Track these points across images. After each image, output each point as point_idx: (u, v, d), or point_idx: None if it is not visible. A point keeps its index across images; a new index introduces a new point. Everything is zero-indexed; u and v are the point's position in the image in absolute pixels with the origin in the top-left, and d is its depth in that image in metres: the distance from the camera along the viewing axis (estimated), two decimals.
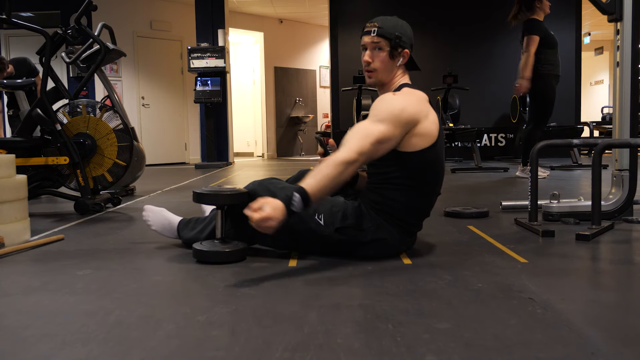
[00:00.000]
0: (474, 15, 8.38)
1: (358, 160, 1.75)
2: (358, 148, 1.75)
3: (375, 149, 1.79)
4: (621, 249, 2.24)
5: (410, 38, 1.97)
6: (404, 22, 1.99)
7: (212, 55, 7.94)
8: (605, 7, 2.74)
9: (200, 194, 1.99)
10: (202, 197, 1.99)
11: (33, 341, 1.24)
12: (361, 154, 1.75)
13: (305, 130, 11.27)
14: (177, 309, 1.46)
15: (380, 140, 1.78)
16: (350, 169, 1.74)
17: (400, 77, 1.99)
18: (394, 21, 1.97)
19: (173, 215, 2.27)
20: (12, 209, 2.34)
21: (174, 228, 2.22)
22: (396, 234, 1.94)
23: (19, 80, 3.78)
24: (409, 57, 1.97)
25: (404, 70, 2.00)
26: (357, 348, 1.18)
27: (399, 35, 1.93)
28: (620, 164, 2.77)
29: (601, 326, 1.30)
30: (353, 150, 1.74)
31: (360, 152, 1.75)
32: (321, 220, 1.91)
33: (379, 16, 2.00)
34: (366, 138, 1.77)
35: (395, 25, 1.95)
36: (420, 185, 1.92)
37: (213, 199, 1.97)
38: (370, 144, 1.77)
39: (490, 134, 8.42)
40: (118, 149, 3.54)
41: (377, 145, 1.79)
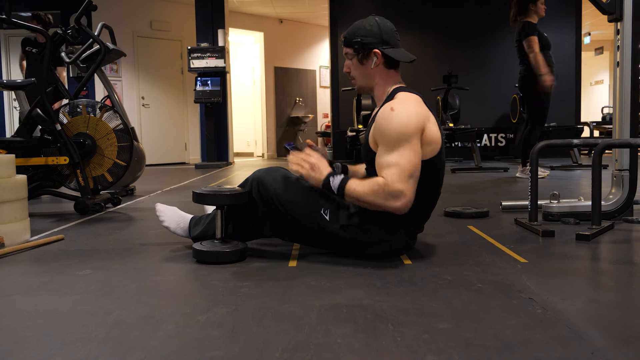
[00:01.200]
0: (474, 15, 8.38)
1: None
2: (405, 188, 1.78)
3: (416, 175, 1.82)
4: (621, 249, 2.23)
5: (378, 35, 1.91)
6: (371, 21, 1.94)
7: (212, 55, 7.94)
8: (605, 7, 2.74)
9: (200, 194, 1.99)
10: (201, 197, 1.99)
11: (33, 341, 1.24)
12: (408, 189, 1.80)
13: (305, 130, 11.27)
14: (177, 309, 1.46)
15: (416, 168, 1.81)
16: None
17: (387, 80, 1.96)
18: (357, 25, 1.96)
19: (185, 213, 2.26)
20: (12, 209, 2.34)
21: (186, 225, 2.20)
22: (401, 236, 1.94)
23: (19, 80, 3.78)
24: (384, 55, 1.92)
25: (386, 70, 1.95)
26: (357, 348, 1.18)
27: (358, 40, 1.92)
28: (620, 164, 2.77)
29: (601, 326, 1.30)
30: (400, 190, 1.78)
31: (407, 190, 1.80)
32: (326, 215, 1.92)
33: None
34: (405, 174, 1.80)
35: (357, 30, 1.94)
36: (427, 190, 1.93)
37: (212, 199, 1.97)
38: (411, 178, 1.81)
39: (490, 134, 8.42)
40: (118, 149, 3.54)
41: (417, 173, 1.82)
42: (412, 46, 8.41)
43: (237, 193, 1.97)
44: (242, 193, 1.98)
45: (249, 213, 2.02)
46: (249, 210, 2.02)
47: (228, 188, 2.04)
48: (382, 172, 1.80)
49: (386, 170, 1.79)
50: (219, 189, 2.02)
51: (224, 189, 2.02)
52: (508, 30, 8.49)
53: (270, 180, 1.97)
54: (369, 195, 1.80)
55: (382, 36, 1.91)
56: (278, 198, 1.94)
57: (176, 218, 2.22)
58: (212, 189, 2.01)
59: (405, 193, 1.77)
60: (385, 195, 1.77)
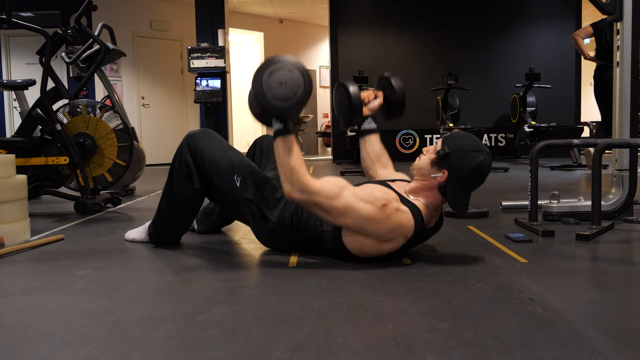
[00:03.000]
0: (474, 16, 8.38)
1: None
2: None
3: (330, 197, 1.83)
4: (621, 249, 2.23)
5: (461, 171, 1.82)
6: (475, 157, 1.82)
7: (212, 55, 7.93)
8: (605, 7, 2.74)
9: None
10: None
11: (33, 341, 1.24)
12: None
13: (305, 130, 11.26)
14: (177, 309, 1.46)
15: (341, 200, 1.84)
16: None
17: (429, 194, 1.91)
18: (464, 142, 1.86)
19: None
20: (12, 209, 2.34)
21: (144, 228, 2.36)
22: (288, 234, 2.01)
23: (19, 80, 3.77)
24: (447, 183, 1.85)
25: (438, 192, 1.90)
26: (357, 348, 1.17)
27: (447, 152, 1.85)
28: (620, 164, 2.77)
29: (601, 326, 1.30)
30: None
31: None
32: (237, 182, 2.01)
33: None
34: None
35: (458, 145, 1.85)
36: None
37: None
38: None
39: (490, 134, 8.42)
40: (118, 149, 3.54)
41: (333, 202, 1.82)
42: (412, 46, 8.42)
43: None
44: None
45: (179, 167, 2.13)
46: (179, 164, 2.13)
47: None
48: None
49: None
50: None
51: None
52: (508, 31, 8.53)
53: (201, 136, 2.11)
54: (286, 161, 1.79)
55: (463, 175, 1.82)
56: (202, 153, 2.06)
57: (139, 230, 2.39)
58: None
59: (308, 189, 1.77)
60: (293, 179, 1.79)
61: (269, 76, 1.74)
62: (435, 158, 1.84)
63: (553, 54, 8.23)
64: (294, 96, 1.75)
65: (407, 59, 8.35)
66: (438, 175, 1.83)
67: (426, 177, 1.87)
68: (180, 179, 2.11)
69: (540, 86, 7.34)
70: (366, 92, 2.15)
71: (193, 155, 2.08)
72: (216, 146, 2.08)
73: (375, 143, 2.19)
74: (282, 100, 1.75)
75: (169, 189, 2.15)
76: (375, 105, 2.15)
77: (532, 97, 7.48)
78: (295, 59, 1.79)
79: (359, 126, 2.19)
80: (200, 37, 8.20)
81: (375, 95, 2.16)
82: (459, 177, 1.81)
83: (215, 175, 2.05)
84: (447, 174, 1.82)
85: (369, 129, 2.18)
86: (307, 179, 1.79)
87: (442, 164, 1.83)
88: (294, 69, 1.75)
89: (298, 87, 1.75)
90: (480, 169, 1.80)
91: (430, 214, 1.87)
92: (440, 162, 1.83)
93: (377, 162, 2.18)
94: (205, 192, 2.12)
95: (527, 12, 8.37)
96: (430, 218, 1.88)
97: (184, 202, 2.14)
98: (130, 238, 2.37)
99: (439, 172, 1.83)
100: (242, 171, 2.03)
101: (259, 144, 2.44)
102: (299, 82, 1.75)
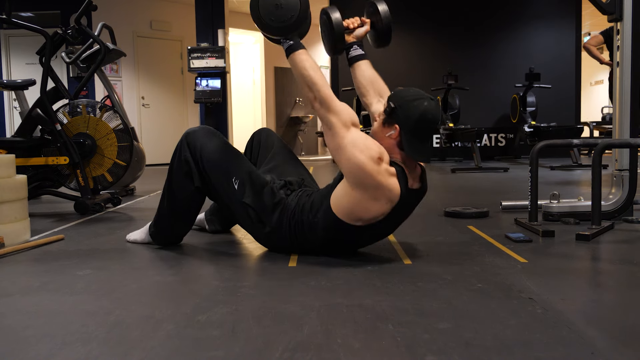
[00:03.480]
0: (474, 16, 8.38)
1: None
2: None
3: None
4: (621, 249, 2.23)
5: (410, 121, 1.85)
6: (420, 103, 1.86)
7: (212, 55, 7.93)
8: (605, 7, 2.74)
9: None
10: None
11: (33, 341, 1.24)
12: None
13: (305, 130, 11.27)
14: (177, 309, 1.46)
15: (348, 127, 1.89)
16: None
17: (392, 151, 1.94)
18: (405, 94, 1.92)
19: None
20: (12, 209, 2.34)
21: (145, 229, 2.35)
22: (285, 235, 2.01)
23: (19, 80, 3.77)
24: (401, 136, 1.90)
25: (398, 148, 1.92)
26: (357, 348, 1.18)
27: (393, 107, 1.90)
28: (620, 164, 2.77)
29: (601, 326, 1.30)
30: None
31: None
32: (235, 185, 2.02)
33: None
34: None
35: (402, 97, 1.90)
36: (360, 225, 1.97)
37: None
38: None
39: (490, 134, 8.41)
40: (118, 149, 3.53)
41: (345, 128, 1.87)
42: (412, 46, 8.42)
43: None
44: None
45: (179, 165, 2.12)
46: (178, 162, 2.12)
47: None
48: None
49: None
50: None
51: None
52: (508, 31, 8.53)
53: (200, 133, 2.10)
54: (305, 74, 1.90)
55: (412, 123, 1.83)
56: (201, 151, 2.06)
57: (142, 231, 2.37)
58: None
59: (328, 105, 1.84)
60: (314, 89, 1.86)
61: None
62: (384, 117, 1.88)
63: (553, 54, 8.23)
64: (289, 19, 1.87)
65: (407, 59, 8.35)
66: (392, 133, 1.86)
67: (383, 139, 1.89)
68: (179, 177, 2.11)
69: (540, 86, 7.34)
70: (351, 19, 2.16)
71: (192, 153, 2.07)
72: (215, 145, 2.08)
73: (365, 69, 2.16)
74: (277, 22, 1.86)
75: (169, 188, 2.15)
76: (362, 32, 2.16)
77: (532, 97, 7.48)
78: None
79: (347, 54, 2.17)
80: (200, 37, 8.20)
81: (362, 22, 2.17)
82: (409, 127, 1.83)
83: (214, 175, 2.04)
84: (398, 128, 1.85)
85: (356, 55, 2.15)
86: (329, 93, 1.86)
87: (391, 120, 1.86)
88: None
89: (294, 11, 1.87)
90: (427, 114, 1.82)
91: (409, 173, 1.88)
92: (389, 120, 1.86)
93: (370, 89, 2.14)
94: (205, 190, 2.11)
95: (527, 12, 8.37)
96: (410, 177, 1.88)
97: (185, 201, 2.14)
98: (131, 239, 2.37)
99: (391, 130, 1.86)
100: (241, 174, 2.02)
101: (256, 137, 2.44)
102: (294, 5, 1.86)
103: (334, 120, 1.83)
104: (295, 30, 1.91)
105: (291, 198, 2.01)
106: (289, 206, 1.98)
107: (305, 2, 1.88)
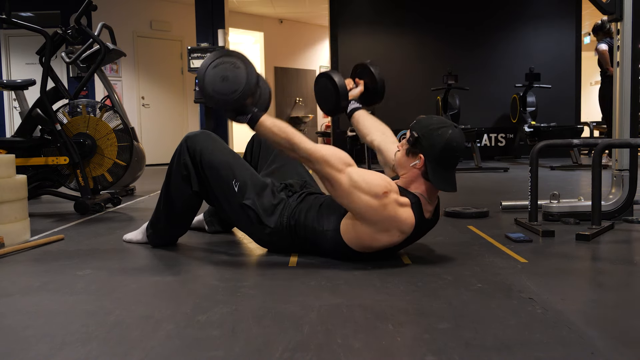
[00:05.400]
0: (474, 16, 8.37)
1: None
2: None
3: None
4: (621, 249, 2.23)
5: (435, 151, 1.83)
6: (444, 132, 1.83)
7: None
8: (605, 7, 2.74)
9: None
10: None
11: (33, 341, 1.24)
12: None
13: (305, 131, 11.27)
14: (177, 309, 1.46)
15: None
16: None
17: (415, 182, 1.92)
18: (429, 123, 1.89)
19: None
20: (12, 209, 2.34)
21: (142, 229, 2.35)
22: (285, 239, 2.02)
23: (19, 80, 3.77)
24: (426, 166, 1.87)
25: (422, 179, 1.90)
26: (357, 348, 1.17)
27: (416, 136, 1.87)
28: (620, 164, 2.77)
29: (601, 326, 1.30)
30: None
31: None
32: (235, 187, 2.00)
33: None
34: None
35: (427, 127, 1.87)
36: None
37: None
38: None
39: (490, 134, 8.41)
40: (118, 149, 3.53)
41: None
42: (412, 46, 8.41)
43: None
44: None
45: (177, 168, 2.12)
46: (177, 166, 2.12)
47: None
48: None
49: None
50: None
51: None
52: (508, 31, 8.53)
53: (200, 138, 2.10)
54: (278, 140, 1.86)
55: (437, 152, 1.81)
56: (201, 155, 2.05)
57: (138, 231, 2.38)
58: None
59: (312, 157, 1.81)
60: (295, 149, 1.83)
61: (214, 68, 1.77)
62: (408, 147, 1.86)
63: (553, 54, 8.23)
64: (232, 93, 1.78)
65: (407, 58, 8.35)
66: (416, 162, 1.85)
67: (407, 168, 1.88)
68: (178, 181, 2.11)
69: (540, 86, 7.33)
70: (348, 79, 2.20)
71: (192, 157, 2.07)
72: (215, 149, 2.08)
73: (366, 116, 2.20)
74: (220, 94, 1.78)
75: (167, 191, 2.15)
76: (357, 93, 2.20)
77: (532, 97, 7.48)
78: (247, 58, 1.81)
79: (345, 111, 2.21)
80: (200, 37, 8.20)
81: (356, 83, 2.22)
82: (434, 156, 1.82)
83: (214, 178, 2.04)
84: (423, 157, 1.83)
85: (355, 108, 2.20)
86: (310, 145, 1.83)
87: (415, 150, 1.84)
88: (241, 66, 1.76)
89: (239, 85, 1.78)
90: (451, 143, 1.81)
91: (426, 204, 1.87)
92: (413, 150, 1.85)
93: (372, 129, 2.17)
94: (204, 194, 2.11)
95: (527, 12, 8.37)
96: (427, 208, 1.87)
97: (182, 204, 2.14)
98: (127, 239, 2.37)
99: (416, 159, 1.85)
100: (241, 176, 2.02)
101: (257, 138, 2.44)
102: (241, 80, 1.77)
103: (327, 170, 1.80)
104: (237, 107, 1.83)
105: (293, 199, 2.01)
106: (290, 206, 1.98)
107: (253, 76, 1.79)
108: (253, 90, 1.79)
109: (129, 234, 2.39)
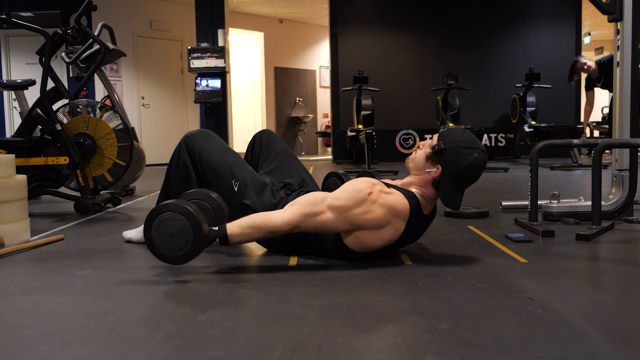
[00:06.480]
0: (474, 16, 8.38)
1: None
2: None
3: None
4: (621, 249, 2.23)
5: (458, 168, 1.82)
6: (470, 153, 1.81)
7: (212, 55, 7.93)
8: (605, 7, 2.74)
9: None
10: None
11: (33, 341, 1.24)
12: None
13: (305, 130, 11.27)
14: (177, 309, 1.46)
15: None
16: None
17: (425, 187, 1.92)
18: (459, 138, 1.86)
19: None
20: (12, 209, 2.34)
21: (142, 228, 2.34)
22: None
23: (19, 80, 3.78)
24: (442, 177, 1.86)
25: (432, 187, 1.90)
26: (357, 348, 1.17)
27: (442, 147, 1.85)
28: (620, 164, 2.77)
29: (601, 326, 1.30)
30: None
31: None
32: (235, 187, 2.01)
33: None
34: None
35: (454, 140, 1.84)
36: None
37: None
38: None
39: (490, 134, 8.42)
40: (118, 149, 3.53)
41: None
42: (413, 46, 8.42)
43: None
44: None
45: (177, 168, 2.12)
46: (176, 165, 2.12)
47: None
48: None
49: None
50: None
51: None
52: (508, 31, 8.53)
53: (200, 137, 2.10)
54: (256, 235, 1.80)
55: (457, 171, 1.80)
56: (200, 154, 2.06)
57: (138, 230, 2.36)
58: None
59: (286, 227, 1.77)
60: (274, 230, 1.78)
61: (156, 231, 1.70)
62: (430, 153, 1.84)
63: (553, 54, 8.23)
64: (185, 245, 1.70)
65: (407, 58, 8.35)
66: (432, 171, 1.84)
67: (421, 171, 1.87)
68: (177, 180, 2.11)
69: (540, 86, 7.33)
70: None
71: (191, 156, 2.07)
72: (215, 148, 2.08)
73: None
74: (178, 251, 1.71)
75: (166, 191, 2.15)
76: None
77: (532, 97, 7.48)
78: (180, 204, 1.70)
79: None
80: (200, 37, 8.20)
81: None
82: (453, 173, 1.80)
83: (213, 178, 2.04)
84: (440, 169, 1.82)
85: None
86: (280, 217, 1.77)
87: (436, 159, 1.83)
88: (178, 217, 1.68)
89: (187, 235, 1.69)
90: (474, 167, 1.80)
91: (425, 203, 1.87)
92: (435, 158, 1.83)
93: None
94: None
95: (527, 12, 8.38)
96: (425, 205, 1.87)
97: None
98: (127, 238, 2.37)
99: (433, 167, 1.84)
100: (241, 176, 2.02)
101: (258, 138, 2.43)
102: (187, 230, 1.69)
103: (313, 221, 1.78)
104: (195, 255, 1.73)
105: (292, 197, 2.01)
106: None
107: (197, 224, 1.69)
108: (200, 224, 1.70)
109: (130, 232, 2.39)
